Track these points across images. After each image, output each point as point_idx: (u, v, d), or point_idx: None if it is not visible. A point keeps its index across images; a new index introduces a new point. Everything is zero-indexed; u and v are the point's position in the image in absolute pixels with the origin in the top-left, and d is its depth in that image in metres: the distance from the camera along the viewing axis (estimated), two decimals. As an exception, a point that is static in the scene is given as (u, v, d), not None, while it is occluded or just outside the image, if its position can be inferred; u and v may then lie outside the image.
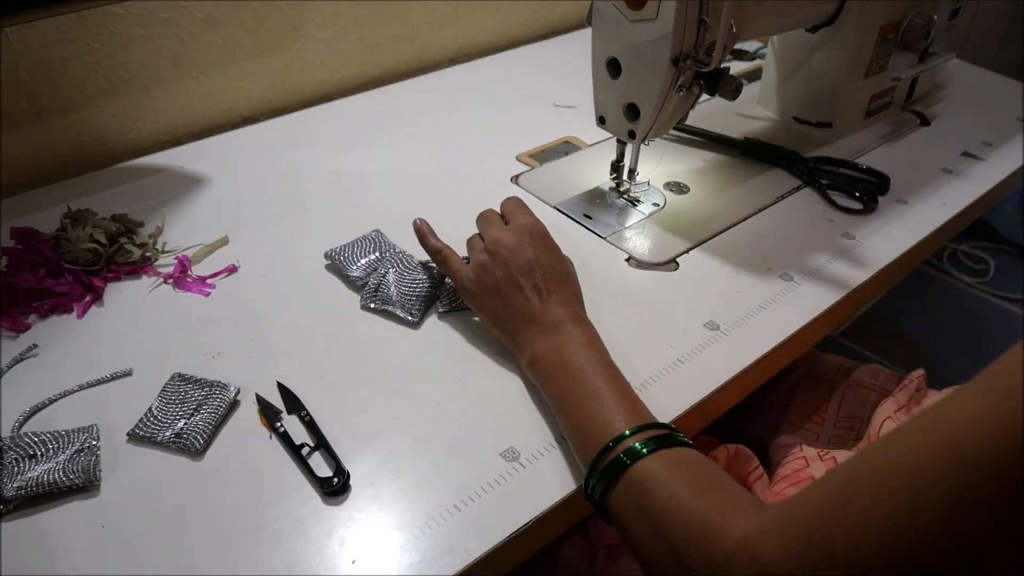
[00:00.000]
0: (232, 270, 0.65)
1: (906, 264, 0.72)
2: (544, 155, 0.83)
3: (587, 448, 0.46)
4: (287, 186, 0.76)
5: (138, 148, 0.84)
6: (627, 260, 0.68)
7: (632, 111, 0.66)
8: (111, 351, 0.57)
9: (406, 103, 0.93)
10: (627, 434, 0.44)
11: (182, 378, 0.54)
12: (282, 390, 0.54)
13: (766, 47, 0.91)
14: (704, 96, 0.66)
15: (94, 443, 0.49)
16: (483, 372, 0.56)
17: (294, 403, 0.53)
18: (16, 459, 0.47)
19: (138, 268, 0.65)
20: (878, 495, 0.31)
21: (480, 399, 0.54)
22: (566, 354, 0.51)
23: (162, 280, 0.64)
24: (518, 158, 0.82)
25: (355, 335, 0.59)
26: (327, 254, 0.65)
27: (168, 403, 0.52)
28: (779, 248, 0.69)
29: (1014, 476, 0.27)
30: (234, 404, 0.53)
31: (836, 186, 0.77)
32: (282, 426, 0.51)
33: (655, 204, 0.75)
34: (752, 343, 0.59)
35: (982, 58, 1.11)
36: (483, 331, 0.59)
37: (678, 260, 0.68)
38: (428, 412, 0.53)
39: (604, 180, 0.77)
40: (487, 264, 0.56)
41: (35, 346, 0.57)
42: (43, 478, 0.46)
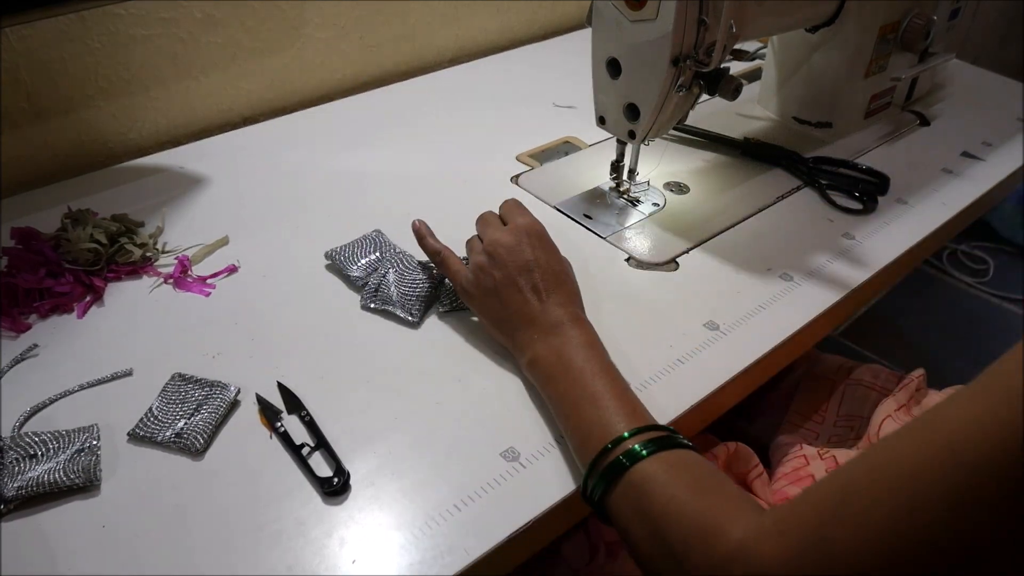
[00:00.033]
0: (232, 270, 0.65)
1: (906, 264, 0.72)
2: (544, 155, 0.83)
3: (586, 449, 0.46)
4: (287, 186, 0.76)
5: (138, 148, 0.84)
6: (627, 260, 0.68)
7: (632, 111, 0.66)
8: (111, 351, 0.57)
9: (406, 103, 0.93)
10: (626, 436, 0.44)
11: (182, 378, 0.54)
12: (282, 390, 0.54)
13: (766, 47, 0.91)
14: (704, 96, 0.66)
15: (94, 443, 0.49)
16: (483, 372, 0.56)
17: (294, 403, 0.53)
18: (16, 459, 0.47)
19: (138, 268, 0.65)
20: (877, 496, 0.31)
21: (480, 399, 0.54)
22: (565, 355, 0.51)
23: (162, 280, 0.64)
24: (518, 158, 0.82)
25: (355, 335, 0.59)
26: (327, 254, 0.65)
27: (168, 403, 0.52)
28: (779, 248, 0.69)
29: (1014, 477, 0.27)
30: (234, 404, 0.53)
31: (836, 186, 0.77)
32: (282, 426, 0.51)
33: (655, 204, 0.75)
34: (752, 343, 0.59)
35: (982, 58, 1.11)
36: (483, 331, 0.59)
37: (678, 260, 0.68)
38: (428, 412, 0.53)
39: (604, 180, 0.77)
40: (485, 265, 0.56)
41: (35, 346, 0.57)
42: (43, 478, 0.46)
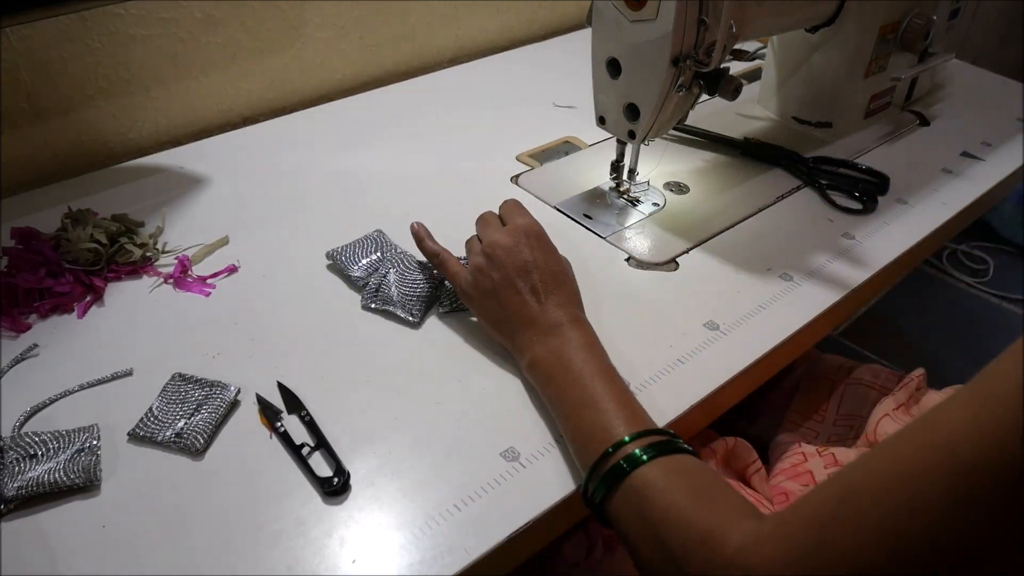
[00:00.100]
0: (232, 270, 0.65)
1: (906, 264, 0.72)
2: (544, 155, 0.83)
3: (586, 453, 0.46)
4: (287, 186, 0.76)
5: (138, 148, 0.84)
6: (627, 260, 0.68)
7: (632, 111, 0.66)
8: (111, 351, 0.57)
9: (406, 103, 0.93)
10: (627, 440, 0.44)
11: (182, 378, 0.54)
12: (282, 390, 0.54)
13: (766, 47, 0.91)
14: (704, 96, 0.66)
15: (94, 443, 0.49)
16: (483, 372, 0.56)
17: (294, 403, 0.53)
18: (16, 459, 0.47)
19: (138, 268, 0.65)
20: (876, 498, 0.32)
21: (480, 399, 0.54)
22: (565, 357, 0.50)
23: (162, 280, 0.64)
24: (518, 158, 0.82)
25: (355, 335, 0.59)
26: (329, 254, 0.65)
27: (168, 403, 0.52)
28: (779, 248, 0.69)
29: (1011, 477, 0.28)
30: (234, 404, 0.53)
31: (836, 186, 0.77)
32: (282, 426, 0.51)
33: (655, 204, 0.75)
34: (752, 343, 0.59)
35: (982, 58, 1.11)
36: (483, 331, 0.59)
37: (678, 260, 0.68)
38: (428, 412, 0.53)
39: (604, 180, 0.77)
40: (484, 267, 0.56)
41: (35, 346, 0.57)
42: (43, 478, 0.46)
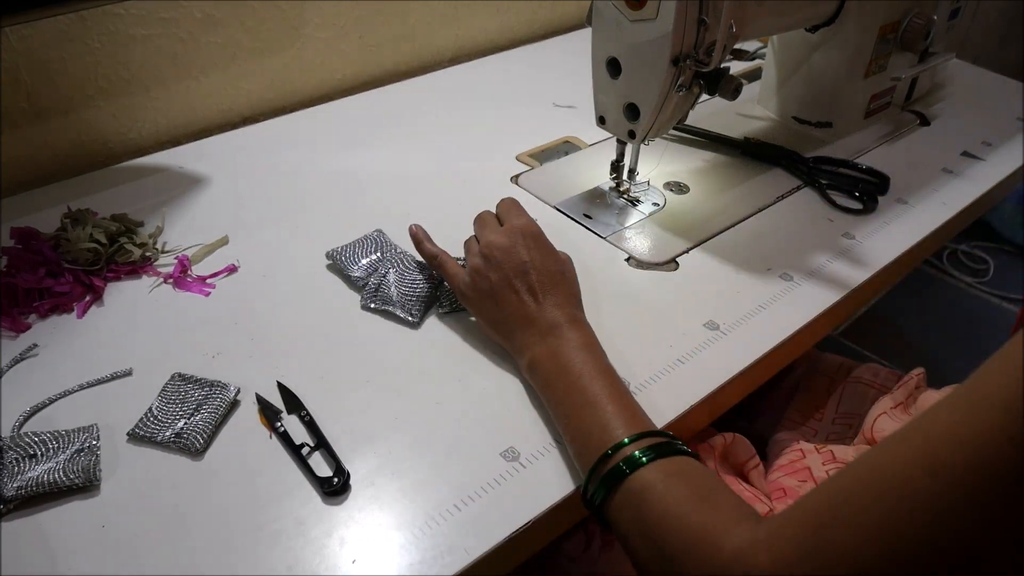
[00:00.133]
0: (232, 270, 0.65)
1: (906, 264, 0.72)
2: (544, 155, 0.83)
3: (586, 455, 0.46)
4: (287, 186, 0.76)
5: (138, 148, 0.84)
6: (627, 260, 0.68)
7: (632, 111, 0.66)
8: (111, 351, 0.57)
9: (406, 103, 0.93)
10: (626, 442, 0.44)
11: (182, 378, 0.54)
12: (282, 390, 0.54)
13: (766, 47, 0.91)
14: (704, 96, 0.66)
15: (94, 443, 0.49)
16: (483, 372, 0.56)
17: (294, 403, 0.53)
18: (16, 459, 0.47)
19: (138, 268, 0.65)
20: (867, 503, 0.32)
21: (480, 399, 0.54)
22: (563, 358, 0.50)
23: (162, 280, 0.64)
24: (518, 158, 0.82)
25: (355, 335, 0.59)
26: (329, 254, 0.65)
27: (168, 403, 0.52)
28: (779, 248, 0.69)
29: (994, 483, 0.28)
30: (234, 404, 0.53)
31: (836, 186, 0.77)
32: (282, 426, 0.51)
33: (655, 204, 0.75)
34: (752, 343, 0.59)
35: (982, 58, 1.11)
36: (482, 332, 0.59)
37: (678, 260, 0.68)
38: (428, 412, 0.53)
39: (604, 180, 0.77)
40: (481, 268, 0.55)
41: (35, 346, 0.57)
42: (43, 478, 0.46)
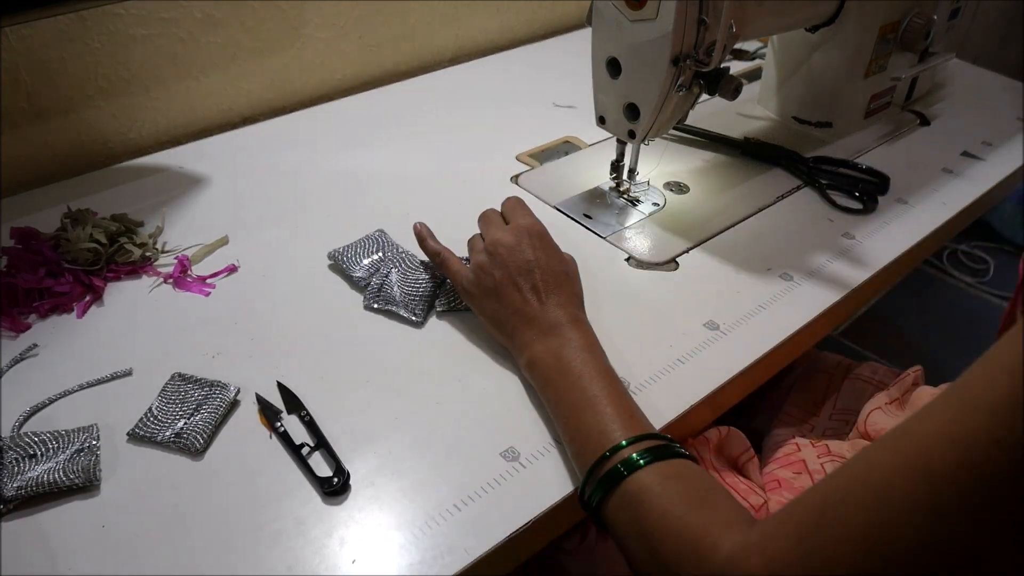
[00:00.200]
0: (232, 270, 0.65)
1: (906, 264, 0.72)
2: (544, 155, 0.83)
3: (584, 456, 0.46)
4: (287, 186, 0.76)
5: (138, 148, 0.84)
6: (627, 260, 0.68)
7: (632, 111, 0.66)
8: (111, 351, 0.57)
9: (406, 103, 0.93)
10: (624, 444, 0.44)
11: (182, 378, 0.54)
12: (282, 390, 0.54)
13: (766, 47, 0.91)
14: (704, 96, 0.66)
15: (94, 443, 0.49)
16: (483, 372, 0.56)
17: (294, 403, 0.53)
18: (16, 459, 0.47)
19: (138, 268, 0.65)
20: (855, 507, 0.32)
21: (480, 399, 0.54)
22: (564, 358, 0.51)
23: (162, 280, 0.64)
24: (518, 158, 0.82)
25: (355, 335, 0.59)
26: (330, 254, 0.65)
27: (168, 403, 0.52)
28: (779, 248, 0.69)
29: (981, 486, 0.28)
30: (234, 404, 0.53)
31: (836, 186, 0.77)
32: (282, 426, 0.51)
33: (655, 204, 0.75)
34: (752, 343, 0.59)
35: (982, 58, 1.11)
36: (483, 331, 0.59)
37: (678, 260, 0.68)
38: (428, 412, 0.53)
39: (604, 180, 0.77)
40: (486, 265, 0.56)
41: (35, 346, 0.57)
42: (43, 478, 0.46)
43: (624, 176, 0.75)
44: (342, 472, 0.48)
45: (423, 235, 0.61)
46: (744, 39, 0.65)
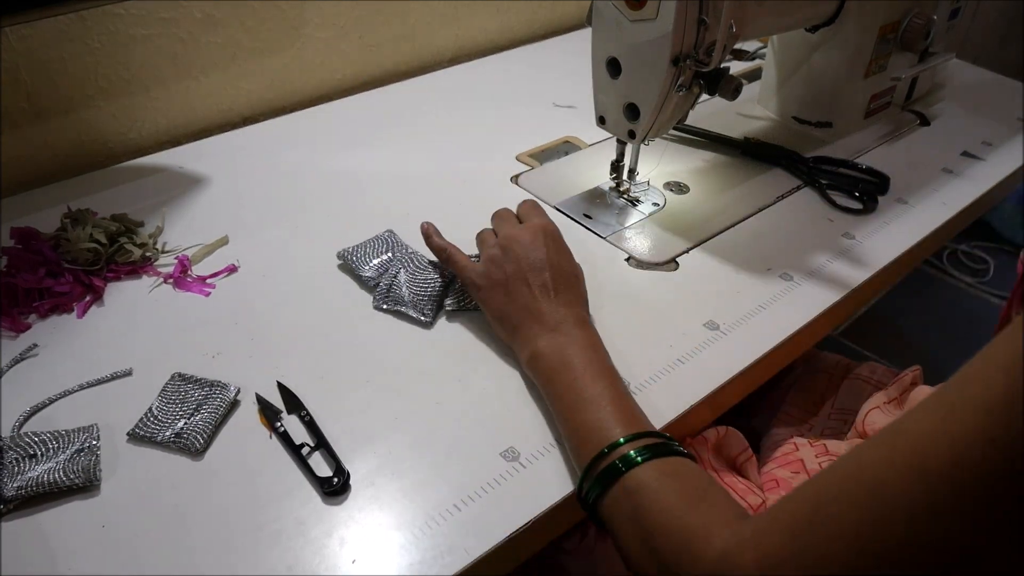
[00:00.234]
0: (232, 270, 0.65)
1: (906, 264, 0.72)
2: (544, 155, 0.83)
3: (582, 452, 0.46)
4: (287, 186, 0.76)
5: (138, 148, 0.84)
6: (627, 260, 0.68)
7: (632, 111, 0.66)
8: (111, 351, 0.57)
9: (406, 103, 0.93)
10: (622, 441, 0.44)
11: (182, 378, 0.54)
12: (282, 390, 0.54)
13: (766, 47, 0.91)
14: (704, 96, 0.66)
15: (94, 443, 0.49)
16: (483, 372, 0.56)
17: (294, 403, 0.53)
18: (16, 459, 0.47)
19: (138, 268, 0.65)
20: (848, 505, 0.32)
21: (480, 399, 0.54)
22: (567, 355, 0.51)
23: (162, 280, 0.64)
24: (518, 158, 0.82)
25: (355, 335, 0.59)
26: (340, 254, 0.65)
27: (168, 403, 0.52)
28: (779, 248, 0.69)
29: (973, 485, 0.28)
30: (234, 404, 0.53)
31: (836, 186, 0.77)
32: (282, 426, 0.51)
33: (655, 204, 0.75)
34: (752, 343, 0.59)
35: (982, 58, 1.11)
36: (483, 331, 0.59)
37: (678, 260, 0.68)
38: (428, 412, 0.53)
39: (604, 180, 0.77)
40: (498, 258, 0.56)
41: (35, 346, 0.57)
42: (43, 478, 0.46)
43: (624, 176, 0.75)
44: (342, 472, 0.48)
45: (429, 232, 0.62)
46: (744, 39, 0.65)
